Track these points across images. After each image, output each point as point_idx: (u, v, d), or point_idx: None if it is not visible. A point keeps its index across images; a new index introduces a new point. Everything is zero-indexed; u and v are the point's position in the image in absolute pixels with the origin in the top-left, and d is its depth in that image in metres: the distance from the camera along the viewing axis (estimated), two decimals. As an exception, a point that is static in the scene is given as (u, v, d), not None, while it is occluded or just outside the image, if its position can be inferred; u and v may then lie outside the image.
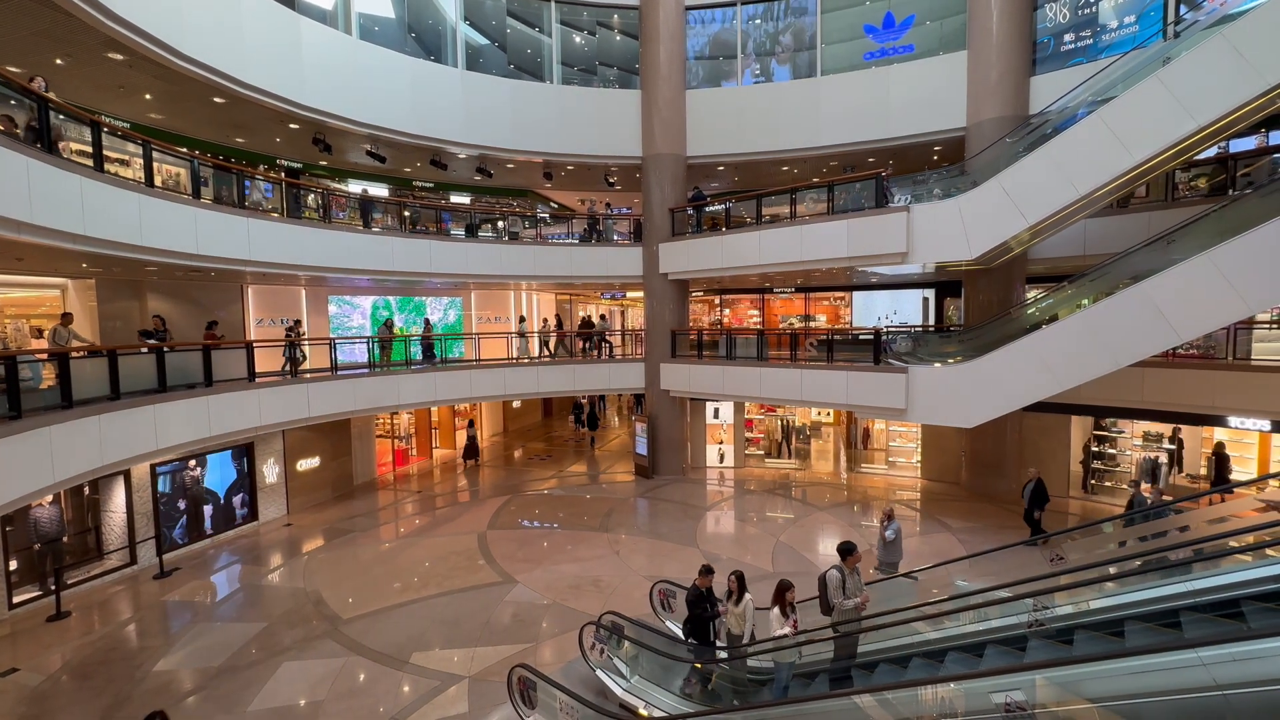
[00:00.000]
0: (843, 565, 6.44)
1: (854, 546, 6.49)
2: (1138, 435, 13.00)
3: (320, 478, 14.52)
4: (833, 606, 6.39)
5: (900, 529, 9.13)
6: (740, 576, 6.82)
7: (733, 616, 6.77)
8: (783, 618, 6.20)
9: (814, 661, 6.48)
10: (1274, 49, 7.53)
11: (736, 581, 6.77)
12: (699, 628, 7.02)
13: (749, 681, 6.64)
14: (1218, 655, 3.08)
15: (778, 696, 5.86)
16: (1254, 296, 7.99)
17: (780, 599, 6.28)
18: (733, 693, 6.51)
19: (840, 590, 6.33)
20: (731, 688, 6.58)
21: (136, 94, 11.10)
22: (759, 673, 6.70)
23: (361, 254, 12.95)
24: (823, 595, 6.52)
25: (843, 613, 6.30)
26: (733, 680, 6.64)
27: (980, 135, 12.74)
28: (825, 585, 6.49)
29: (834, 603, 6.34)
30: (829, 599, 6.41)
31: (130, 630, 8.79)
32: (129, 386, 8.62)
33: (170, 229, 9.11)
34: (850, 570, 6.41)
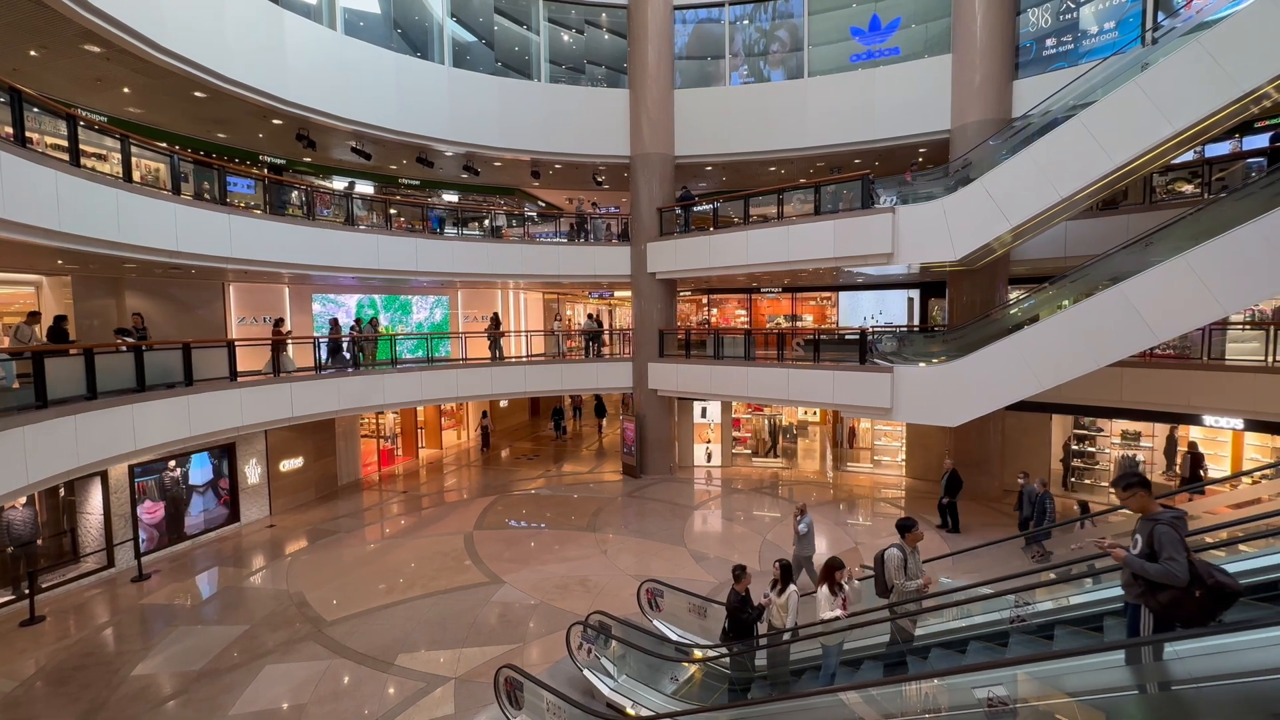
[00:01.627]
0: (903, 543, 6.02)
1: (915, 522, 6.11)
2: (1116, 434, 13.25)
3: (304, 478, 14.34)
4: (891, 587, 5.95)
5: (813, 523, 9.28)
6: (786, 565, 6.56)
7: (775, 607, 6.48)
8: (832, 597, 5.90)
9: (860, 647, 6.12)
10: (1247, 56, 7.70)
11: (780, 570, 6.49)
12: (743, 632, 6.67)
13: (790, 672, 6.27)
14: (1191, 649, 3.14)
15: (825, 684, 5.48)
16: (1228, 298, 8.17)
17: (829, 577, 5.99)
18: (771, 685, 6.17)
19: (902, 570, 5.88)
20: (770, 680, 6.23)
21: (114, 87, 10.87)
22: (800, 661, 6.38)
23: (346, 252, 12.80)
24: (880, 575, 6.08)
25: (903, 594, 5.86)
26: (772, 671, 6.28)
27: (964, 138, 12.90)
28: (884, 564, 6.01)
29: (894, 583, 5.90)
30: (888, 579, 5.96)
31: (107, 634, 8.62)
32: (106, 386, 8.43)
33: (149, 225, 8.94)
34: (911, 548, 6.01)
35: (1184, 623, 3.42)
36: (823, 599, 5.97)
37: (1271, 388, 9.78)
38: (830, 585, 5.98)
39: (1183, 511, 3.72)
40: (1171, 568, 3.36)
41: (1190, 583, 3.33)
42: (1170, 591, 3.40)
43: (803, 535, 9.15)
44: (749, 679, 6.37)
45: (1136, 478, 3.82)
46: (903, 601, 5.86)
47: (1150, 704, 3.35)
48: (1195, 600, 3.34)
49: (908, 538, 6.03)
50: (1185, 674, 3.14)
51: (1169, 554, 3.39)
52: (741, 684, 6.43)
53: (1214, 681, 3.12)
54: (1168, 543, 3.43)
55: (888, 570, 5.96)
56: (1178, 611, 3.41)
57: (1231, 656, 3.14)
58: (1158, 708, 3.34)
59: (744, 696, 6.21)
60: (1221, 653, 3.17)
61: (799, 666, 6.25)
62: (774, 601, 6.50)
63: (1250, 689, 3.01)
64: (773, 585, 6.58)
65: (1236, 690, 3.05)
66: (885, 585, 6.00)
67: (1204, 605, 3.32)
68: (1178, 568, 3.35)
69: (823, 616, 5.91)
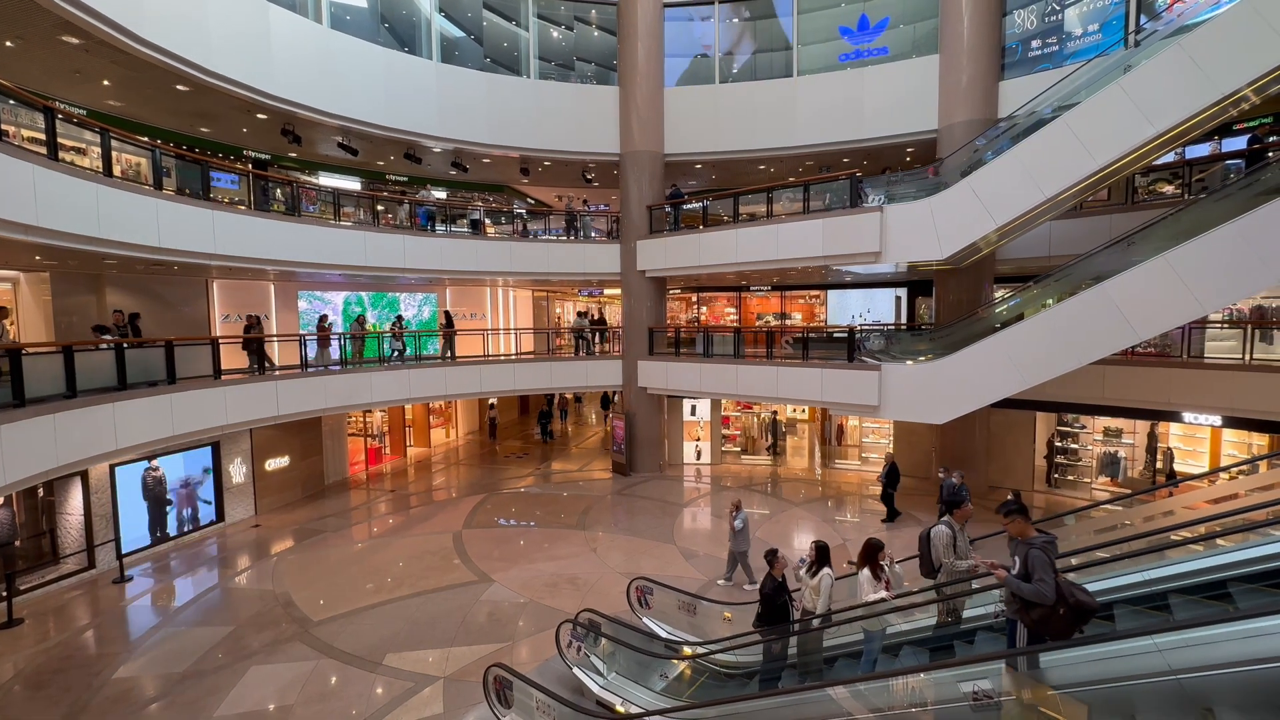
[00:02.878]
0: (952, 520, 5.71)
1: (965, 499, 5.80)
2: (1099, 431, 13.46)
3: (290, 477, 14.19)
4: (937, 568, 5.66)
5: (748, 519, 9.40)
6: (823, 547, 6.38)
7: (808, 590, 6.29)
8: (875, 580, 5.62)
9: (902, 632, 5.83)
10: (1227, 59, 7.85)
11: (816, 552, 6.33)
12: (778, 617, 6.45)
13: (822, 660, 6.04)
14: (1171, 641, 3.21)
15: (866, 670, 5.27)
16: (1207, 297, 8.33)
17: (871, 559, 5.73)
18: (803, 673, 5.96)
19: (951, 548, 5.57)
20: (800, 669, 6.01)
21: (94, 80, 10.66)
22: (832, 648, 6.17)
23: (332, 249, 12.66)
24: (926, 554, 5.78)
25: (952, 574, 5.56)
26: (804, 659, 6.04)
27: (952, 137, 13.01)
28: (931, 543, 5.70)
29: (943, 562, 5.59)
30: (937, 558, 5.65)
31: (88, 637, 8.48)
32: (87, 384, 8.29)
33: (130, 221, 8.78)
34: (960, 526, 5.70)
35: (1052, 636, 3.83)
36: (864, 581, 5.69)
37: (1248, 385, 9.98)
38: (872, 568, 5.70)
39: (1053, 536, 4.20)
40: (1041, 588, 3.79)
41: (1056, 601, 3.77)
42: (1040, 609, 3.83)
43: (738, 531, 9.28)
44: (779, 668, 6.10)
45: (1016, 505, 4.36)
46: (952, 582, 5.53)
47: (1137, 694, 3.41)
48: (1060, 617, 3.78)
49: (956, 514, 5.70)
50: (1166, 666, 3.20)
51: (1039, 575, 3.83)
52: (771, 673, 6.12)
53: (1194, 673, 3.18)
54: (1038, 565, 3.86)
55: (935, 549, 5.63)
56: (1046, 626, 3.85)
57: (1210, 649, 3.20)
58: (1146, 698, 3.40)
59: (775, 686, 5.87)
60: (1201, 645, 3.23)
61: (832, 654, 6.01)
62: (806, 584, 6.31)
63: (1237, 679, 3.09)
64: (807, 567, 6.42)
65: (1216, 681, 3.12)
66: (932, 565, 5.69)
67: (1068, 621, 3.77)
68: (1046, 588, 3.78)
69: (865, 599, 5.65)
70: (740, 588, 9.33)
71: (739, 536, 9.34)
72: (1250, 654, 3.08)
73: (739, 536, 9.34)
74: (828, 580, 6.18)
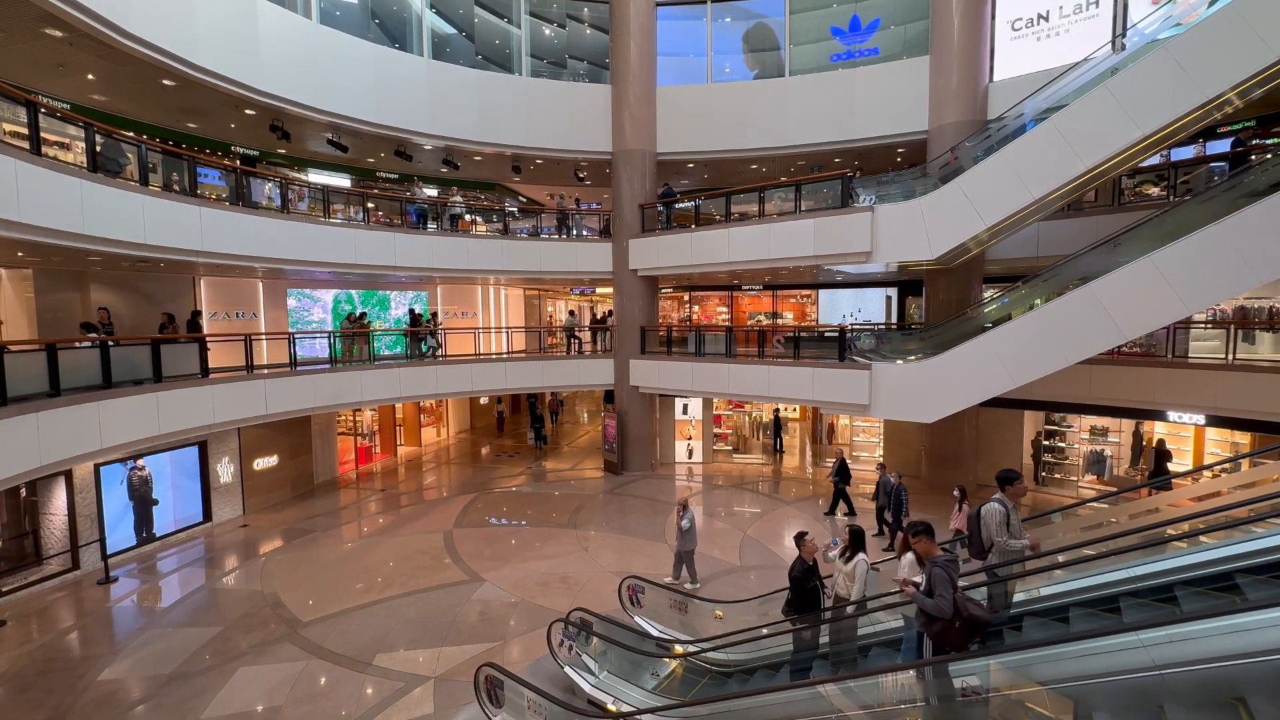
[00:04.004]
0: (1004, 497, 5.33)
1: (1019, 474, 5.43)
2: (1085, 429, 13.62)
3: (279, 477, 14.07)
4: (988, 548, 5.34)
5: (694, 518, 9.43)
6: (858, 532, 6.16)
7: (842, 576, 6.08)
8: (918, 565, 5.38)
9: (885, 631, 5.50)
10: (1211, 63, 7.95)
11: (851, 537, 6.12)
12: (809, 603, 6.17)
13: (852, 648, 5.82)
14: (1156, 637, 3.25)
15: (910, 659, 5.06)
16: (1192, 297, 8.44)
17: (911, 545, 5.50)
18: (833, 663, 5.73)
19: (1004, 527, 5.21)
20: (831, 658, 5.78)
21: (78, 73, 10.50)
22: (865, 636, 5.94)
23: (322, 246, 12.55)
24: (976, 534, 5.46)
25: (1005, 554, 5.22)
26: (836, 648, 5.83)
27: (942, 138, 13.11)
28: (982, 521, 5.38)
29: (995, 542, 5.25)
30: (988, 537, 5.32)
31: (72, 638, 8.37)
32: (71, 382, 8.17)
33: (115, 217, 8.65)
34: (1014, 504, 5.35)
35: (951, 647, 4.16)
36: (906, 565, 5.46)
37: (1231, 385, 10.13)
38: (916, 551, 5.43)
39: (955, 556, 4.58)
40: (940, 603, 4.12)
41: (953, 615, 4.10)
42: (939, 622, 4.16)
43: (685, 530, 9.29)
44: (810, 657, 5.87)
45: (923, 526, 4.75)
46: (1005, 564, 5.21)
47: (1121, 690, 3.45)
48: (956, 630, 4.13)
49: (1009, 491, 5.32)
50: (1150, 661, 3.24)
51: (939, 592, 4.16)
52: (802, 663, 5.89)
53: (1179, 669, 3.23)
54: (938, 582, 4.20)
55: (986, 528, 5.29)
56: (944, 638, 4.19)
57: (1194, 644, 3.25)
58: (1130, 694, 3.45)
59: (806, 677, 5.66)
60: (1185, 640, 3.28)
61: (867, 642, 5.78)
62: (841, 570, 6.12)
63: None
64: (841, 553, 6.24)
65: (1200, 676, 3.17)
66: (982, 546, 5.36)
67: (963, 633, 4.12)
68: (944, 604, 4.11)
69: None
70: (683, 586, 9.30)
71: (686, 536, 9.36)
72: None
73: (686, 536, 9.36)
74: (863, 566, 5.97)
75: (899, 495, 10.55)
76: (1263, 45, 7.53)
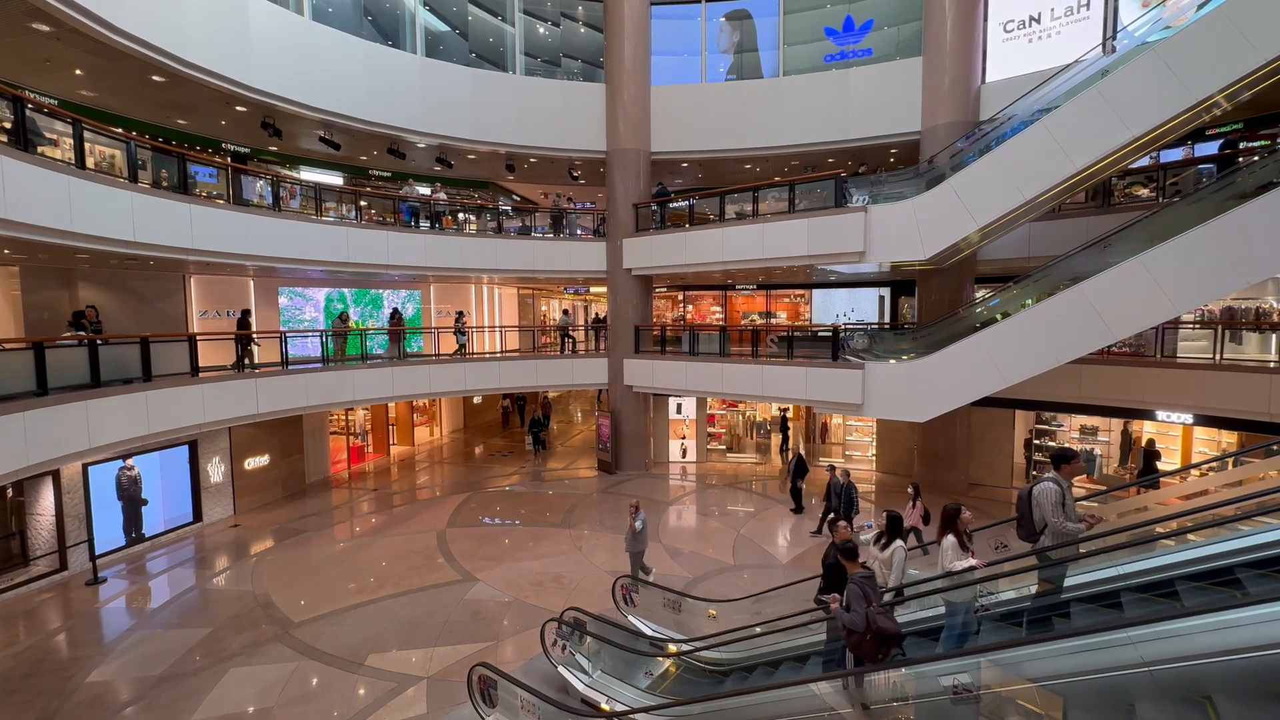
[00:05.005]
0: (1059, 476, 5.09)
1: (1075, 453, 5.24)
2: (1076, 429, 13.73)
3: (270, 476, 13.98)
4: (1041, 530, 5.10)
5: (646, 519, 9.38)
6: (894, 518, 6.01)
7: (877, 563, 5.94)
8: (960, 549, 5.19)
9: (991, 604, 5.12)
10: (1199, 66, 8.03)
11: (887, 522, 5.95)
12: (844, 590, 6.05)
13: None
14: (1145, 634, 3.28)
15: (952, 647, 4.87)
16: (1180, 298, 8.53)
17: (954, 526, 5.28)
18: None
19: (1059, 508, 4.96)
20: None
21: (65, 69, 10.38)
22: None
23: (314, 244, 12.47)
24: (1028, 515, 5.20)
25: (1060, 536, 4.97)
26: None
27: (934, 139, 13.18)
28: (1034, 501, 5.13)
29: (1049, 523, 5.01)
30: (1041, 519, 5.07)
31: (60, 640, 8.28)
32: (58, 381, 8.08)
33: (104, 214, 8.56)
34: (1068, 483, 5.09)
35: (866, 658, 4.48)
36: (949, 548, 5.26)
37: (1219, 384, 10.25)
38: (956, 533, 5.26)
39: (871, 573, 4.94)
40: (854, 618, 4.50)
41: (865, 629, 4.43)
42: (854, 634, 4.50)
43: (638, 531, 9.21)
44: (843, 647, 5.62)
45: (849, 545, 5.14)
46: (1058, 546, 4.98)
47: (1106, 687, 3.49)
48: (868, 641, 4.45)
49: (1064, 470, 5.07)
50: (1139, 658, 3.28)
51: (854, 606, 4.54)
52: (834, 654, 5.74)
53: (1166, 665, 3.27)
54: (853, 599, 4.59)
55: (1040, 508, 5.04)
56: (859, 650, 4.53)
57: (1183, 640, 3.29)
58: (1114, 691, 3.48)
59: (838, 668, 5.46)
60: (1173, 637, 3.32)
61: (905, 631, 5.42)
62: (877, 557, 5.96)
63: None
64: (875, 539, 6.13)
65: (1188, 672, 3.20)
66: (1033, 527, 5.14)
67: (873, 645, 4.45)
68: (857, 618, 4.48)
69: (950, 569, 5.21)
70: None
71: (639, 537, 9.27)
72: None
73: (639, 537, 9.27)
74: (900, 553, 5.83)
75: (849, 494, 10.68)
76: (1250, 49, 7.61)
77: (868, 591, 4.59)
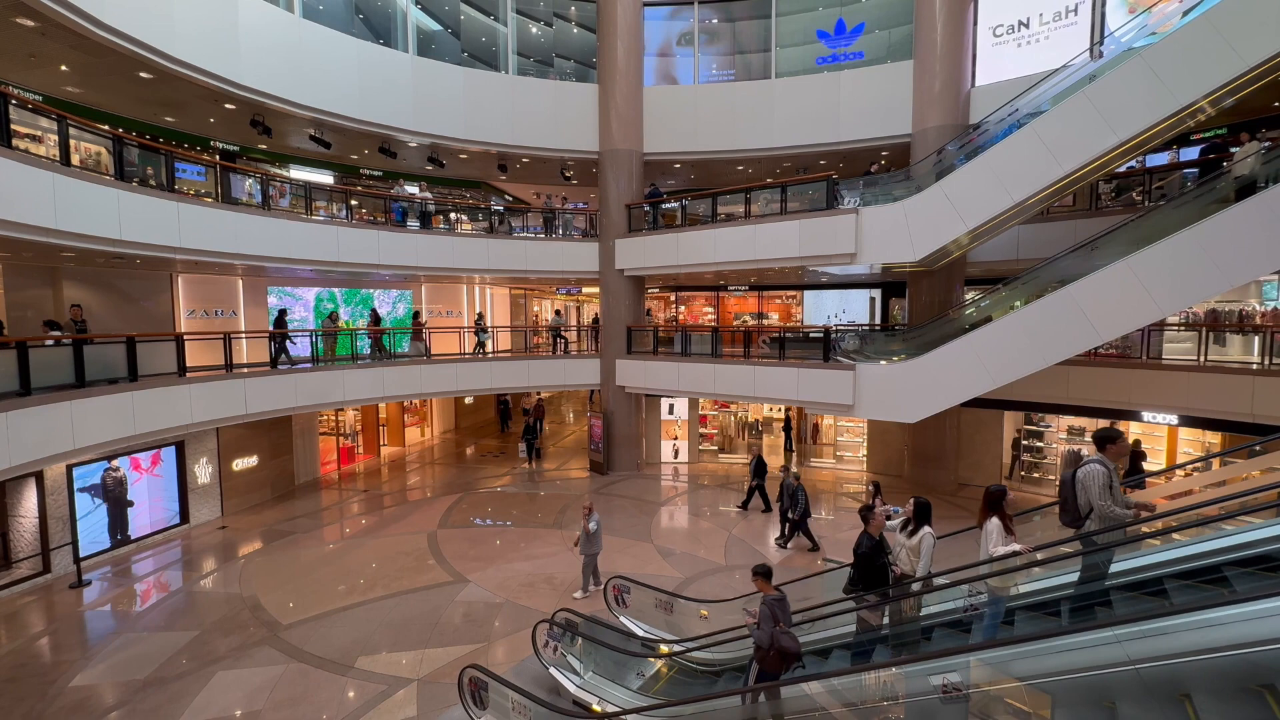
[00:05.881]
0: (1105, 457, 4.77)
1: (1120, 433, 4.95)
2: (1063, 429, 13.88)
3: (258, 477, 13.84)
4: (1086, 514, 4.81)
5: (600, 521, 9.38)
6: (923, 504, 5.77)
7: (905, 551, 5.74)
8: (1005, 532, 4.94)
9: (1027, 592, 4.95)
10: (1185, 71, 8.15)
11: (916, 509, 5.74)
12: (877, 580, 5.82)
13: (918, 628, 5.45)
14: (1131, 632, 3.32)
15: (988, 638, 4.61)
16: (1166, 300, 8.65)
17: (999, 509, 5.03)
18: (893, 647, 5.39)
19: (1108, 490, 4.65)
20: (891, 642, 5.49)
21: (51, 64, 10.23)
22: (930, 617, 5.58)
23: (304, 244, 12.37)
24: (1072, 499, 4.91)
25: (1107, 521, 4.69)
26: (897, 629, 5.55)
27: (925, 142, 13.27)
28: (1080, 485, 4.81)
29: (1097, 506, 4.69)
30: (1086, 502, 4.77)
31: (43, 644, 8.16)
32: (42, 381, 7.97)
33: (89, 212, 8.45)
34: (1114, 464, 4.78)
35: (772, 675, 4.95)
36: (994, 532, 4.98)
37: (1203, 386, 10.39)
38: (1002, 516, 5.01)
39: (783, 595, 5.38)
40: (761, 636, 5.01)
41: (770, 646, 4.94)
42: (761, 651, 5.01)
43: (592, 533, 9.18)
44: (874, 640, 5.59)
45: (764, 569, 5.56)
46: (1107, 530, 4.68)
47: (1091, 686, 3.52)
48: (772, 658, 4.94)
49: (1110, 450, 4.77)
50: (1125, 656, 3.32)
51: (762, 625, 5.04)
52: (864, 647, 5.60)
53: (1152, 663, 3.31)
54: (762, 618, 5.10)
55: (1086, 491, 4.74)
56: (765, 665, 5.03)
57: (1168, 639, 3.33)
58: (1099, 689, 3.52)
59: (868, 660, 5.33)
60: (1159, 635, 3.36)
61: (931, 623, 5.43)
62: (904, 544, 5.75)
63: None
64: (903, 526, 5.92)
65: (1174, 670, 3.24)
66: (1078, 512, 4.87)
67: (776, 662, 4.95)
68: (764, 636, 4.99)
69: (994, 554, 4.92)
70: (577, 592, 9.27)
71: (593, 539, 9.21)
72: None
73: (593, 539, 9.21)
74: (929, 540, 5.62)
75: (796, 495, 10.87)
76: (1234, 55, 7.73)
77: (776, 613, 5.14)
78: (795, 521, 11.04)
